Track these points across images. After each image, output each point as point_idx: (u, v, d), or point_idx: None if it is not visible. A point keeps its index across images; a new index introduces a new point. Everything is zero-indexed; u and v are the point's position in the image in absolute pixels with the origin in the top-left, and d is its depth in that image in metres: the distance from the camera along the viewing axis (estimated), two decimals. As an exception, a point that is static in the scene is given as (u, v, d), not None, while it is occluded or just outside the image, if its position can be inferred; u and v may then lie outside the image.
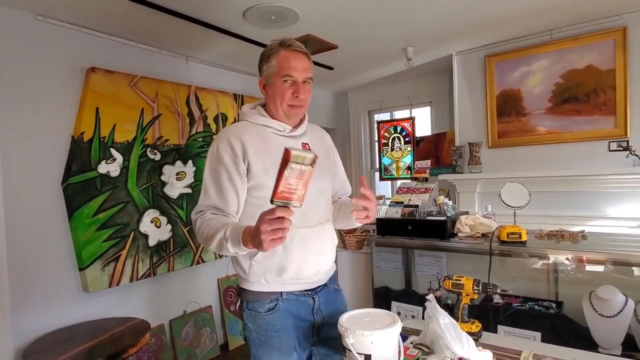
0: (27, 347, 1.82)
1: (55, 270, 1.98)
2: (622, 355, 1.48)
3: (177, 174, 2.49)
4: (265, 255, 1.07)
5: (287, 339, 1.11)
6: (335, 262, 1.28)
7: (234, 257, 1.12)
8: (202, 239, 1.03)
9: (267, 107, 1.16)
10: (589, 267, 1.70)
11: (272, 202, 0.79)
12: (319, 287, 1.17)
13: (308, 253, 1.10)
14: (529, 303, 1.86)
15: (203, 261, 2.62)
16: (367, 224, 1.20)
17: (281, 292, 1.11)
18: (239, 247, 0.94)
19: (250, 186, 1.08)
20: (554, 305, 1.83)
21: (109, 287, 2.11)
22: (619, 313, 1.52)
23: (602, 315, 1.54)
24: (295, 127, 1.17)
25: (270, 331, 1.10)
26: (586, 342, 1.55)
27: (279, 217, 0.81)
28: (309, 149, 1.16)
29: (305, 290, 1.14)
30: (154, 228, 2.33)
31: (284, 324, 1.11)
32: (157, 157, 2.38)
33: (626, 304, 1.53)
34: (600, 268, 1.68)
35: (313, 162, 0.79)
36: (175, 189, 2.47)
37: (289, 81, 1.10)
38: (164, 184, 2.41)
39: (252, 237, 0.89)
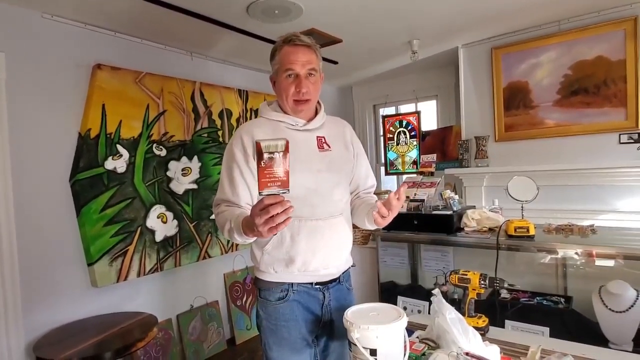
0: (37, 340, 1.85)
1: (64, 266, 2.01)
2: (634, 351, 1.45)
3: (183, 169, 2.50)
4: (274, 246, 1.11)
5: (295, 329, 1.13)
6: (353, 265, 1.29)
7: (250, 248, 1.18)
8: (219, 229, 1.11)
9: (280, 103, 1.20)
10: (599, 262, 1.68)
11: (259, 195, 0.84)
12: (331, 283, 1.18)
13: (316, 245, 1.11)
14: (537, 298, 1.84)
15: (209, 256, 2.63)
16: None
17: (292, 283, 1.13)
18: (242, 236, 1.00)
19: None
20: (562, 300, 1.81)
21: (117, 282, 2.13)
22: (629, 308, 1.50)
23: (613, 311, 1.52)
24: (309, 120, 1.18)
25: (279, 320, 1.13)
26: (596, 337, 1.53)
27: (266, 207, 0.84)
28: (325, 142, 1.18)
29: (317, 284, 1.15)
30: (161, 223, 2.35)
31: (294, 314, 1.13)
32: (163, 153, 2.39)
33: (637, 299, 1.50)
34: (610, 262, 1.65)
35: (286, 148, 0.82)
36: (181, 184, 2.48)
37: (292, 76, 1.12)
38: (169, 179, 2.42)
39: (251, 229, 0.92)
